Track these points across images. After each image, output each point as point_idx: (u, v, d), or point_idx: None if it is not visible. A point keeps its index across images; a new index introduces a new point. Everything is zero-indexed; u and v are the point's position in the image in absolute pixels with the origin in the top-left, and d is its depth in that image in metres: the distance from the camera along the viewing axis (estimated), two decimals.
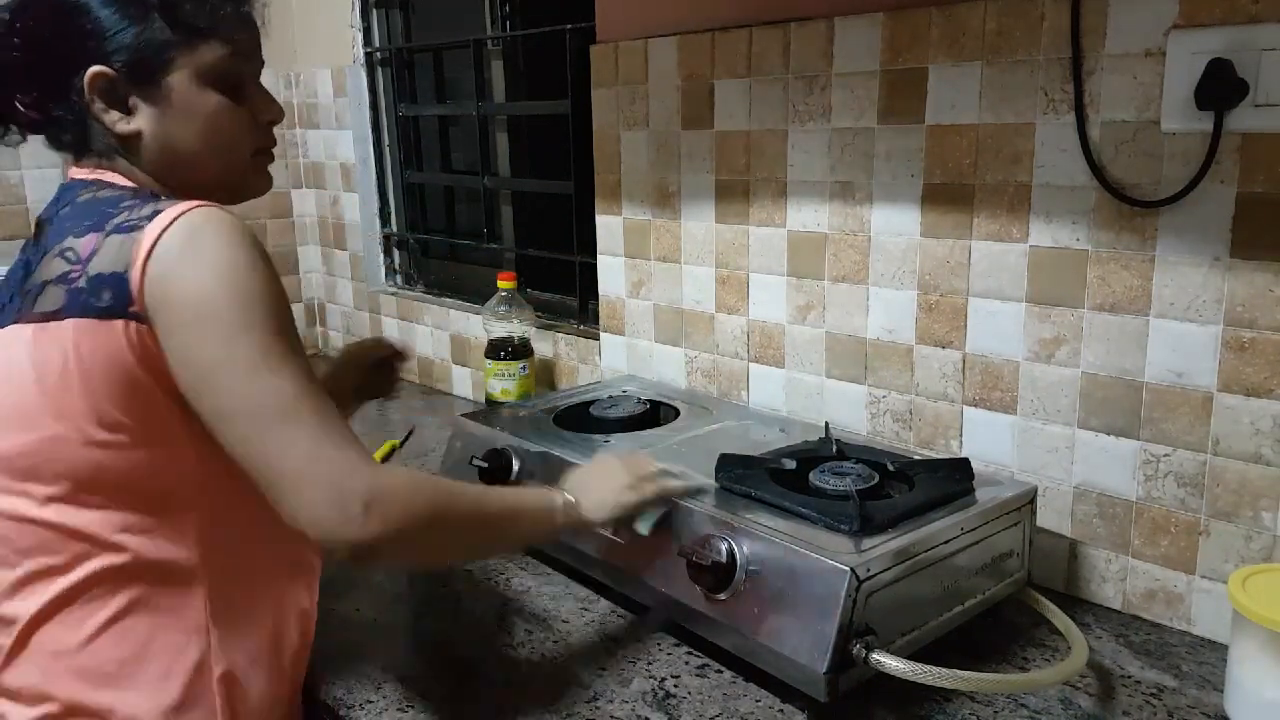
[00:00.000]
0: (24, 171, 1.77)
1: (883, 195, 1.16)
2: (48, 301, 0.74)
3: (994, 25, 1.03)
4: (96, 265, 0.73)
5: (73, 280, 0.74)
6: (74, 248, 0.75)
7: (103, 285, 0.73)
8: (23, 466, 0.75)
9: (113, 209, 0.77)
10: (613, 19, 1.46)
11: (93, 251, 0.74)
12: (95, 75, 0.80)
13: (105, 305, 0.72)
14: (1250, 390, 0.91)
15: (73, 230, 0.76)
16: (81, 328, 0.72)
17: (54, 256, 0.76)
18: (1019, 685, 0.87)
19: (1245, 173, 0.88)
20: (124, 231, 0.74)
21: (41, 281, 0.75)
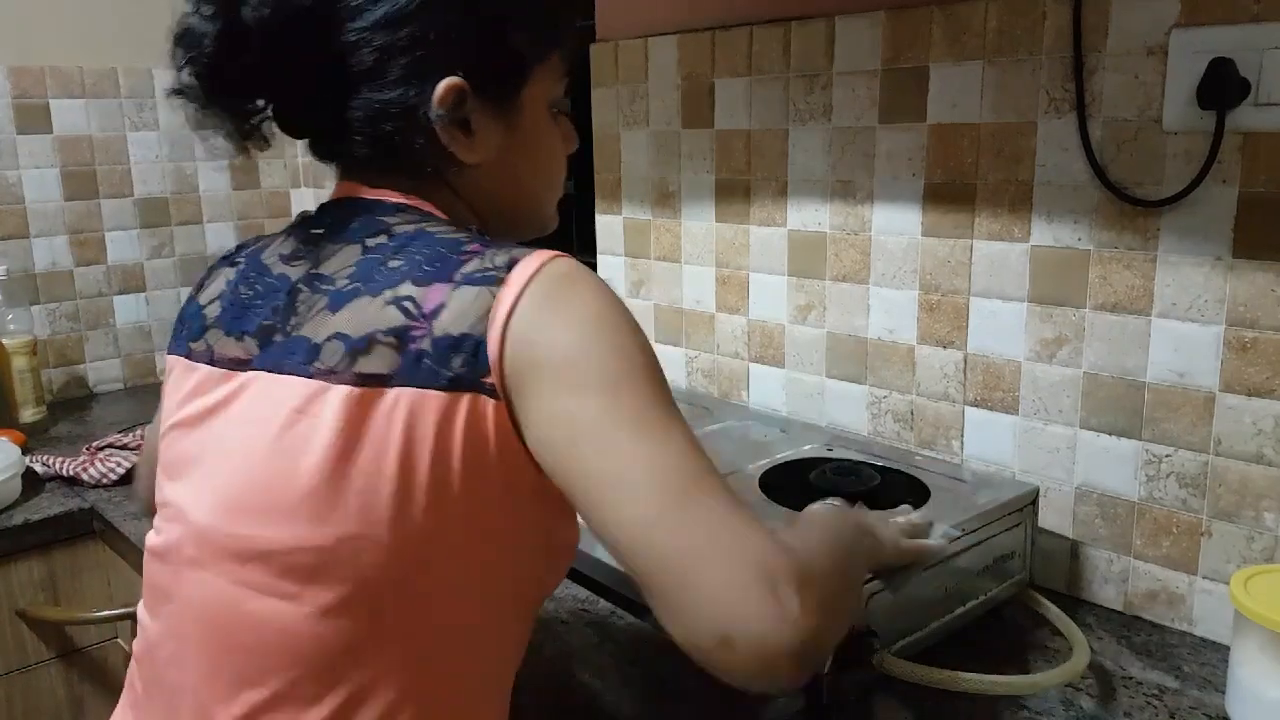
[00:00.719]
0: (22, 171, 1.77)
1: (884, 194, 1.15)
2: (376, 362, 0.59)
3: (995, 24, 1.03)
4: (444, 324, 0.58)
5: (412, 340, 0.58)
6: (414, 297, 0.60)
7: (452, 350, 0.58)
8: (301, 565, 0.59)
9: (456, 252, 0.62)
10: (613, 18, 1.46)
11: (440, 306, 0.59)
12: (451, 88, 0.66)
13: (453, 375, 0.58)
14: (1252, 390, 0.91)
15: (410, 274, 0.61)
16: (415, 401, 0.58)
17: (381, 303, 0.60)
18: (1021, 687, 0.86)
19: (1247, 172, 0.88)
20: (479, 283, 0.59)
21: (367, 334, 0.60)
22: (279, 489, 0.60)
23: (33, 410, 1.64)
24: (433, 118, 0.66)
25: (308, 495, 0.59)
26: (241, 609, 0.61)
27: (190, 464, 0.66)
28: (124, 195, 1.89)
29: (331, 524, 0.58)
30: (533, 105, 0.72)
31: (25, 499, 1.37)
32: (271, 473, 0.60)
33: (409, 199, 0.69)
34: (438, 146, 0.68)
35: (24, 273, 1.78)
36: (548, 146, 0.76)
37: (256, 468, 0.61)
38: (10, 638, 1.35)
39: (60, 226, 1.82)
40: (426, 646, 0.62)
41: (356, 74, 0.66)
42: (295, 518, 0.59)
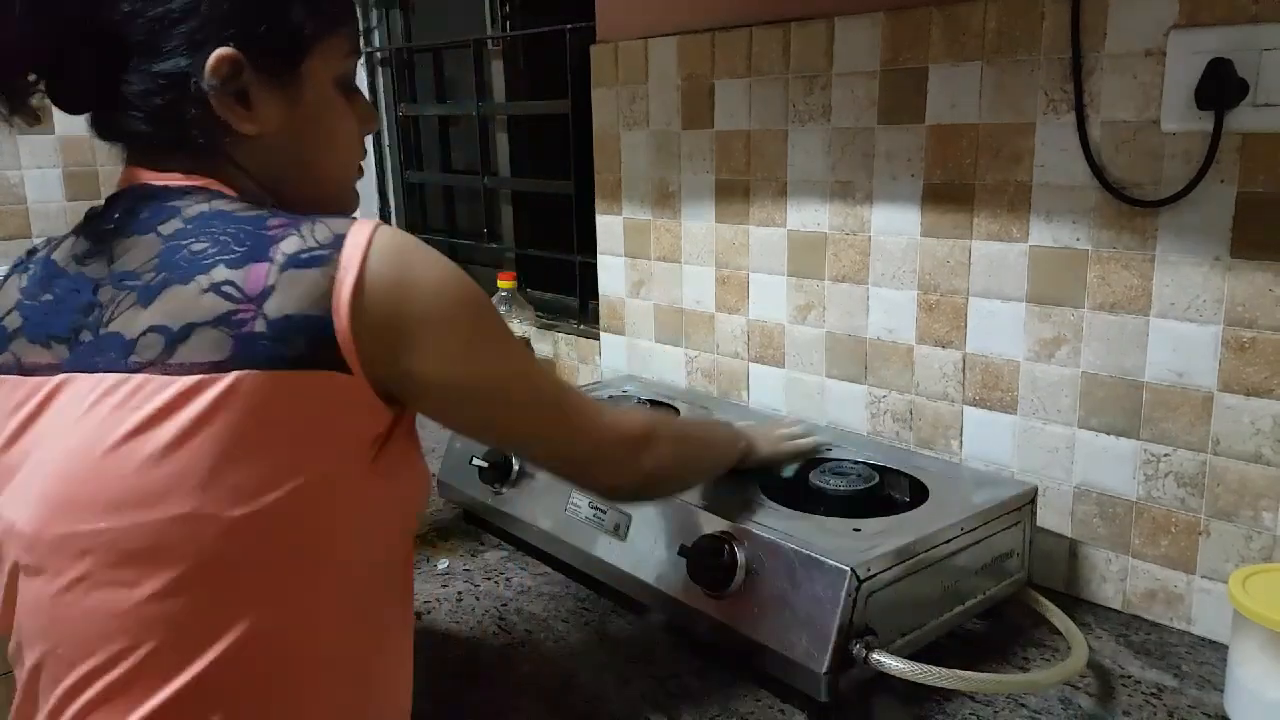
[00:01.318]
0: (24, 171, 1.77)
1: (883, 195, 1.16)
2: (199, 349, 0.59)
3: (994, 25, 1.03)
4: (280, 305, 0.59)
5: (242, 323, 0.59)
6: (233, 281, 0.60)
7: (293, 331, 0.59)
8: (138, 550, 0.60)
9: (262, 228, 0.63)
10: (613, 19, 1.46)
11: (266, 288, 0.60)
12: (223, 58, 0.66)
13: (298, 354, 0.59)
14: (1250, 390, 0.91)
15: (219, 257, 0.61)
16: (259, 381, 0.58)
17: (196, 291, 0.60)
18: (1019, 685, 0.87)
19: (1245, 172, 0.88)
20: (309, 264, 0.61)
21: (185, 324, 0.60)
22: (110, 481, 0.60)
23: None
24: (205, 88, 0.66)
25: (140, 482, 0.59)
26: (80, 606, 0.61)
27: (11, 476, 0.65)
28: None
29: (165, 506, 0.59)
30: (316, 80, 0.72)
31: None
32: (100, 467, 0.60)
33: (195, 179, 0.69)
34: (214, 119, 0.68)
35: None
36: (333, 122, 0.74)
37: (84, 465, 0.61)
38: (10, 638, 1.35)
39: (62, 226, 1.82)
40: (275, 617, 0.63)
41: (129, 46, 0.66)
42: (126, 505, 0.59)
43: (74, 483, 0.61)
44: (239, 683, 0.62)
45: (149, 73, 0.66)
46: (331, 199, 0.77)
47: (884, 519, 0.93)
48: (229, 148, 0.69)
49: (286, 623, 0.63)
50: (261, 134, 0.69)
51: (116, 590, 0.60)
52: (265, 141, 0.70)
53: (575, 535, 1.07)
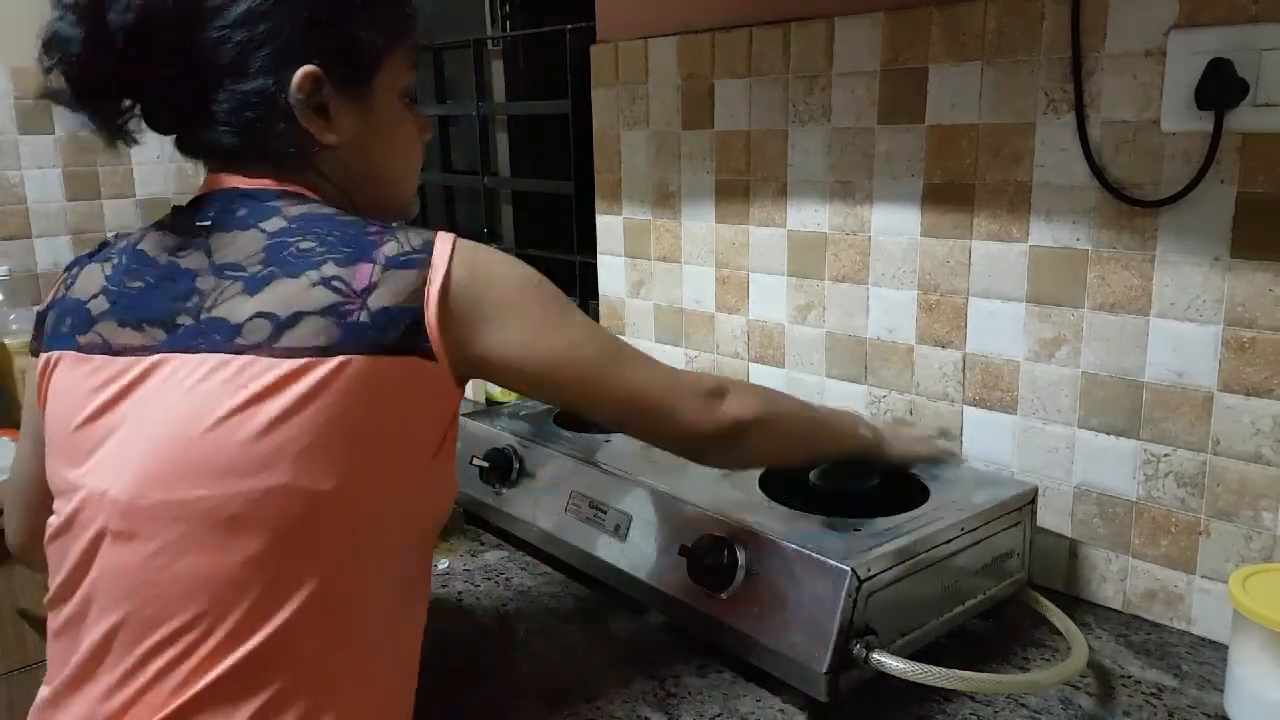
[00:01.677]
0: (24, 171, 1.77)
1: (883, 195, 1.16)
2: (309, 334, 0.65)
3: (994, 25, 1.03)
4: (380, 299, 0.66)
5: (348, 314, 0.66)
6: (341, 277, 0.67)
7: (392, 322, 0.66)
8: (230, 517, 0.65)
9: (364, 233, 0.70)
10: (613, 19, 1.46)
11: (371, 284, 0.67)
12: (307, 75, 0.72)
13: (393, 342, 0.66)
14: (1250, 390, 0.91)
15: (329, 256, 0.68)
16: (361, 365, 0.65)
17: (306, 284, 0.66)
18: (1019, 686, 0.87)
19: (1245, 172, 0.88)
20: (406, 265, 0.68)
21: (293, 312, 0.66)
22: (213, 451, 0.64)
23: None
24: (292, 103, 0.72)
25: (243, 453, 0.64)
26: (170, 570, 0.65)
27: (99, 447, 0.69)
28: (126, 196, 1.90)
29: (264, 476, 0.64)
30: (385, 93, 0.78)
31: None
32: (205, 439, 0.64)
33: (286, 184, 0.74)
34: (299, 131, 0.73)
35: (26, 273, 1.78)
36: (402, 131, 0.81)
37: (187, 436, 0.65)
38: (11, 637, 1.35)
39: (62, 227, 1.83)
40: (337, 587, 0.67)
41: (218, 69, 0.71)
42: (228, 475, 0.64)
43: (176, 452, 0.65)
44: (300, 649, 0.66)
45: (238, 92, 0.72)
46: (397, 202, 0.84)
47: (884, 519, 0.92)
48: (309, 156, 0.75)
49: (346, 593, 0.68)
50: (340, 144, 0.75)
51: (208, 554, 0.65)
52: (342, 151, 0.76)
53: (575, 535, 1.07)
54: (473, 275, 0.70)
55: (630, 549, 1.00)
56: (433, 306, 0.68)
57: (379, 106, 0.78)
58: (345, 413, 0.65)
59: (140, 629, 0.66)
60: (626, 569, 1.00)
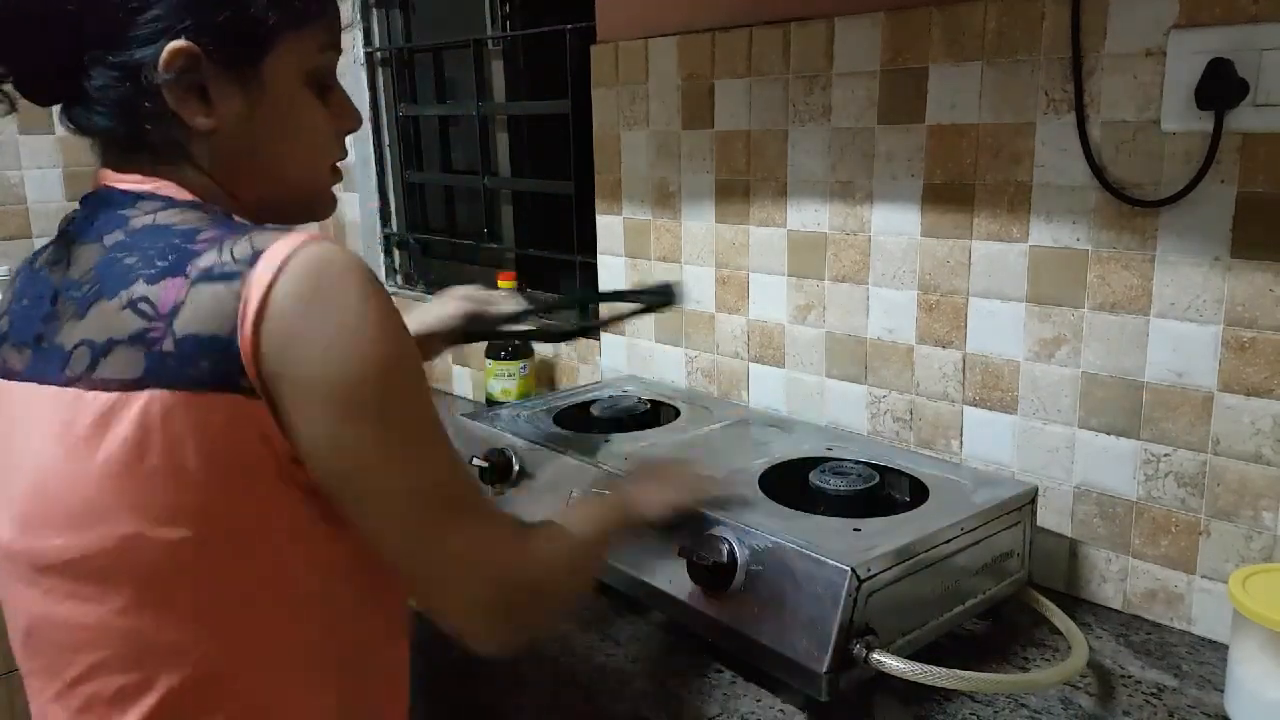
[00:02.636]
0: (24, 171, 1.77)
1: (883, 195, 1.16)
2: (117, 366, 0.58)
3: (994, 25, 1.03)
4: (186, 323, 0.58)
5: (154, 342, 0.58)
6: (149, 298, 0.59)
7: (198, 351, 0.57)
8: (92, 569, 0.61)
9: (190, 242, 0.61)
10: (613, 19, 1.46)
11: (177, 304, 0.58)
12: (177, 51, 0.63)
13: (203, 376, 0.57)
14: (1250, 390, 0.91)
15: (141, 272, 0.60)
16: (169, 403, 0.57)
17: (117, 307, 0.60)
18: (1019, 685, 0.87)
19: (1245, 173, 0.88)
20: (218, 279, 0.58)
21: (106, 339, 0.59)
22: (61, 498, 0.61)
23: None
24: (159, 81, 0.64)
25: (84, 501, 0.60)
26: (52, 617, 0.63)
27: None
28: None
29: (110, 525, 0.59)
30: (282, 75, 0.69)
31: None
32: (53, 483, 0.61)
33: (153, 182, 0.67)
34: (171, 114, 0.65)
35: None
36: (299, 120, 0.71)
37: (39, 479, 0.62)
38: None
39: None
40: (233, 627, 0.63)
41: (94, 38, 0.64)
42: (79, 524, 0.60)
43: (32, 499, 0.62)
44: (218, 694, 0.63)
45: (109, 64, 0.64)
46: (297, 201, 0.74)
47: (884, 519, 0.92)
48: (187, 145, 0.67)
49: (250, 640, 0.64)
50: (218, 130, 0.67)
51: (83, 604, 0.62)
52: (224, 139, 0.67)
53: None
54: (302, 310, 0.58)
55: (629, 549, 1.00)
56: (246, 336, 0.58)
57: (271, 90, 0.68)
58: (165, 454, 0.58)
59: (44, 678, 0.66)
60: (626, 569, 1.00)
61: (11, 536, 0.64)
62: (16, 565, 0.65)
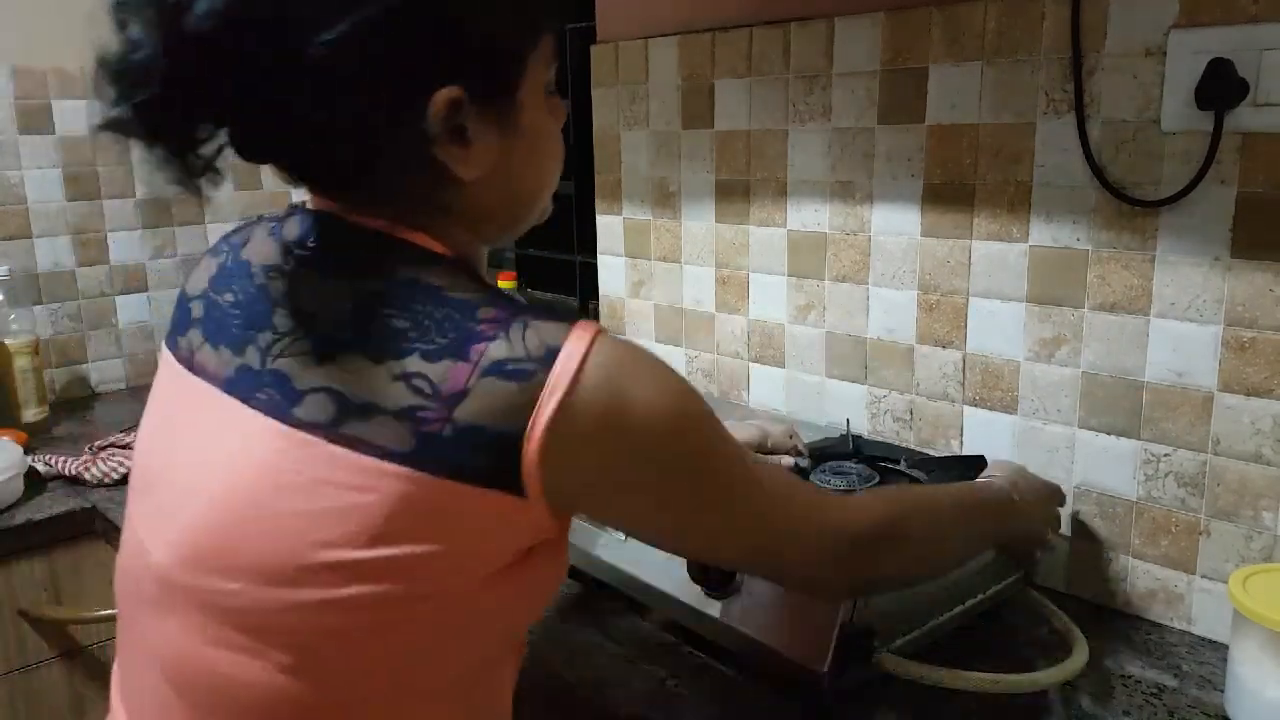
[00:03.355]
0: (24, 172, 1.77)
1: (883, 195, 1.16)
2: (378, 433, 0.54)
3: (994, 25, 1.03)
4: (470, 415, 0.53)
5: (427, 423, 0.53)
6: (426, 375, 0.54)
7: (480, 444, 0.53)
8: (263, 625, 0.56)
9: (471, 320, 0.56)
10: (613, 19, 1.46)
11: (461, 392, 0.54)
12: (449, 99, 0.57)
13: (480, 469, 0.54)
14: (1251, 390, 0.91)
15: (418, 346, 0.55)
16: (429, 486, 0.53)
17: (386, 375, 0.55)
18: (1022, 685, 0.86)
19: (1245, 173, 0.88)
20: (512, 378, 0.54)
21: (365, 402, 0.54)
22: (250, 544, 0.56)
23: (35, 410, 1.64)
24: (430, 134, 0.58)
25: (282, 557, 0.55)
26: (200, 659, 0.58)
27: (154, 484, 0.63)
28: (126, 196, 1.89)
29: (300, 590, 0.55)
30: (531, 99, 0.63)
31: (27, 498, 1.37)
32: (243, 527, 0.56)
33: (399, 229, 0.61)
34: (429, 165, 0.59)
35: (26, 273, 1.78)
36: (545, 140, 0.66)
37: (224, 517, 0.57)
38: (12, 637, 1.35)
39: (62, 227, 1.82)
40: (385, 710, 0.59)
41: (326, 89, 0.55)
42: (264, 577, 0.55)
43: (219, 535, 0.57)
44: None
45: (353, 118, 0.56)
46: (533, 218, 0.70)
47: None
48: (442, 193, 0.61)
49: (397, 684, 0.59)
50: (481, 178, 0.61)
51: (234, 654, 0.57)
52: (481, 181, 0.61)
53: (576, 535, 1.07)
54: (608, 406, 0.55)
55: (630, 549, 1.00)
56: (536, 437, 0.54)
57: (525, 119, 0.62)
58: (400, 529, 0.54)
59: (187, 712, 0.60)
60: (627, 569, 1.00)
61: (175, 566, 0.58)
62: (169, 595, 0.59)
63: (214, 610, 0.57)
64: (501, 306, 0.57)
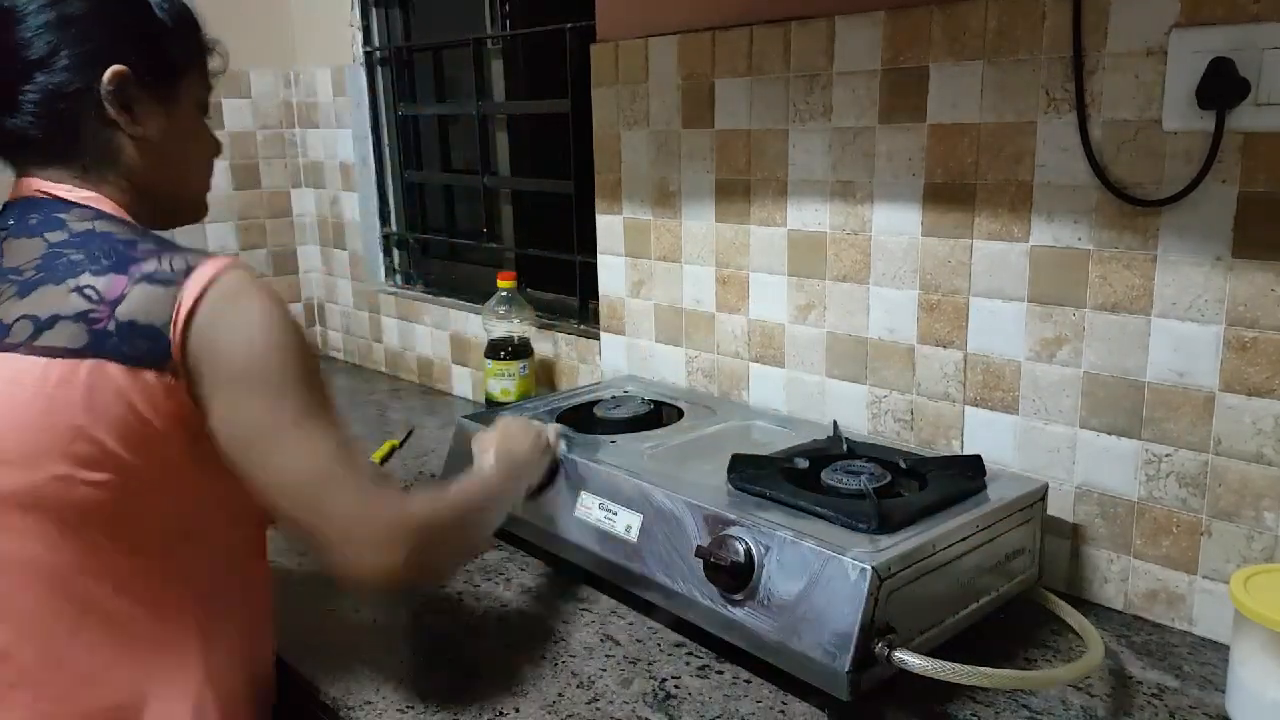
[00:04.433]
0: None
1: (884, 194, 1.15)
2: (62, 337, 0.72)
3: (995, 24, 1.03)
4: (127, 311, 0.73)
5: (96, 321, 0.72)
6: (94, 286, 0.73)
7: (136, 334, 0.72)
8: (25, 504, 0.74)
9: (130, 249, 0.76)
10: (613, 18, 1.46)
11: (120, 296, 0.73)
12: (118, 73, 0.80)
13: (138, 354, 0.72)
14: (1252, 390, 0.91)
15: (88, 267, 0.74)
16: (103, 371, 0.72)
17: (64, 291, 0.73)
18: (1040, 682, 0.86)
19: (1247, 172, 0.88)
20: (157, 283, 0.74)
21: (51, 315, 0.73)
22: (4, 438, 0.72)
23: None
24: (102, 94, 0.79)
25: (24, 444, 0.72)
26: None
27: None
28: None
29: (43, 467, 0.72)
30: (186, 100, 0.87)
31: None
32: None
33: (83, 193, 0.80)
34: (105, 123, 0.80)
35: None
36: (199, 138, 0.90)
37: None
38: None
39: None
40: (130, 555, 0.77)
41: (29, 63, 0.78)
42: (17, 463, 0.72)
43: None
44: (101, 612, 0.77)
45: (48, 84, 0.78)
46: (190, 206, 0.92)
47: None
48: (115, 155, 0.82)
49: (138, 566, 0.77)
50: (144, 138, 0.82)
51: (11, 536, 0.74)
52: (145, 150, 0.83)
53: (584, 537, 1.07)
54: (219, 315, 0.74)
55: (641, 551, 1.00)
56: (177, 330, 0.73)
57: (181, 111, 0.86)
58: (96, 412, 0.71)
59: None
60: (639, 571, 1.00)
61: None
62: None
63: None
64: (155, 241, 0.78)
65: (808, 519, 0.91)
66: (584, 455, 1.11)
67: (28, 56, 0.78)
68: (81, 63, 0.79)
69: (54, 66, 0.78)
